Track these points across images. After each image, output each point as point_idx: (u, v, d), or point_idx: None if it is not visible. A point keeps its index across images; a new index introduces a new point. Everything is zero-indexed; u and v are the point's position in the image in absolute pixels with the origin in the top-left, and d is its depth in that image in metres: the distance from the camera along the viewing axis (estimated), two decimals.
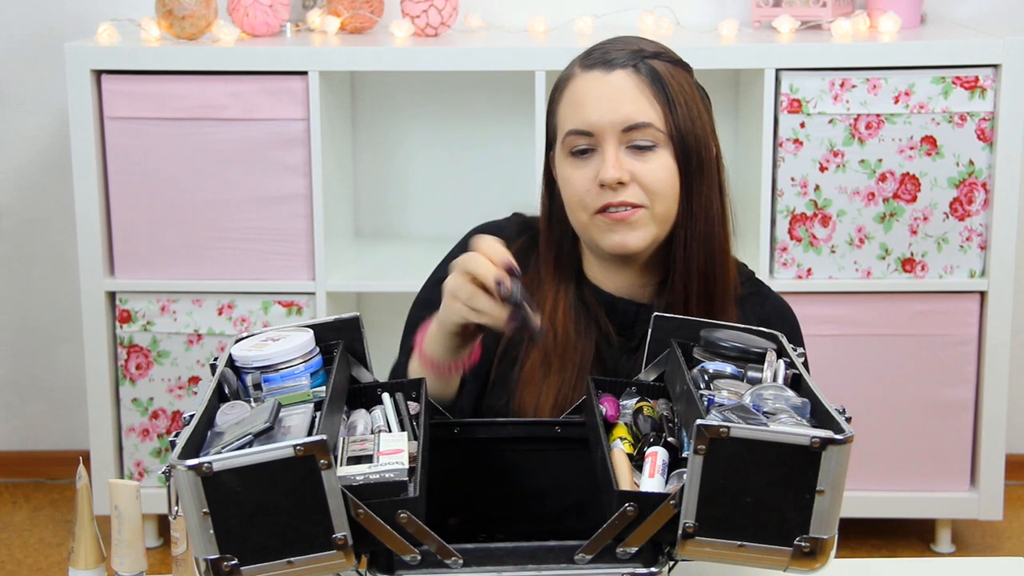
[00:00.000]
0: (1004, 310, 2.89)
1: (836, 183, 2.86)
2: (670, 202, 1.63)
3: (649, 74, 1.62)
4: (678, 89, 1.63)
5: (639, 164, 1.61)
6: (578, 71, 1.66)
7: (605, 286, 1.71)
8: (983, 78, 2.80)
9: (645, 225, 1.62)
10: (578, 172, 1.63)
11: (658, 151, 1.62)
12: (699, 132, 1.64)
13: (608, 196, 1.61)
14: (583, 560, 1.24)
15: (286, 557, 1.19)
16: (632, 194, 1.61)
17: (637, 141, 1.61)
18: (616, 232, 1.62)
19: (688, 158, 1.62)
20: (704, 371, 1.41)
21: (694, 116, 1.63)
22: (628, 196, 1.61)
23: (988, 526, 3.17)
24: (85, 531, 1.40)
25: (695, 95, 1.66)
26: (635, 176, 1.61)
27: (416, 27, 3.01)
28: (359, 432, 1.40)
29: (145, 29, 2.95)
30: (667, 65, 1.64)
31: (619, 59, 1.63)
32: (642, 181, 1.61)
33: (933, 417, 2.95)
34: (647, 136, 1.61)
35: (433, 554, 1.22)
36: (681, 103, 1.63)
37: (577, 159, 1.64)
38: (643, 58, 1.63)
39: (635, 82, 1.62)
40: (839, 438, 1.19)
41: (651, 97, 1.62)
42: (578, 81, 1.65)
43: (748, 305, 1.72)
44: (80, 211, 2.91)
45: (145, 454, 3.03)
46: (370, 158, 3.32)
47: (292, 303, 2.96)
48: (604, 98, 1.62)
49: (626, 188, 1.61)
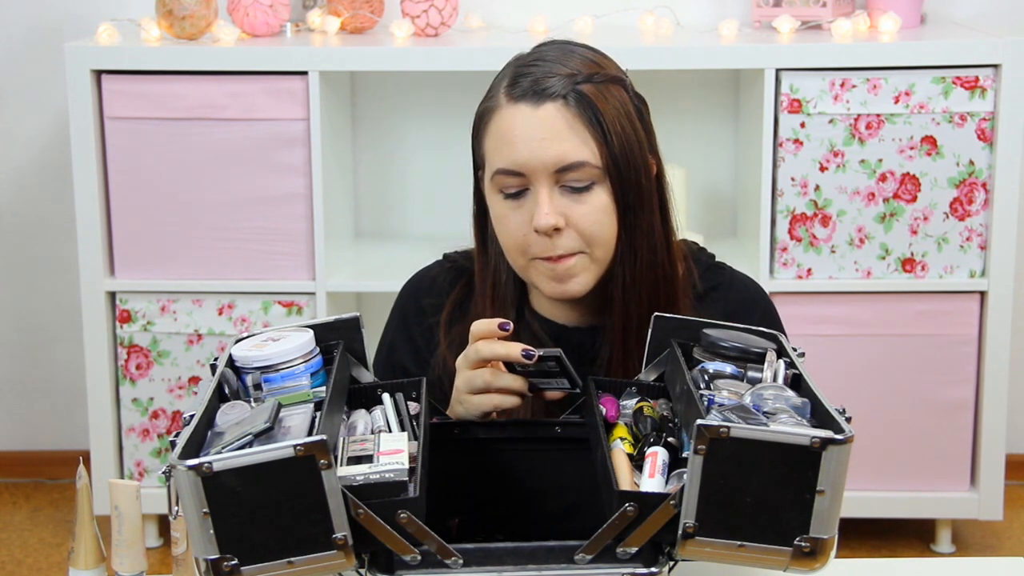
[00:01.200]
0: (1004, 310, 2.89)
1: (836, 183, 2.86)
2: (609, 243, 1.56)
3: (580, 104, 1.52)
4: (613, 116, 1.53)
5: (575, 207, 1.54)
6: (504, 101, 1.55)
7: (543, 308, 1.67)
8: (983, 78, 2.80)
9: (584, 270, 1.57)
10: (512, 215, 1.56)
11: (594, 190, 1.54)
12: (637, 161, 1.55)
13: (544, 244, 1.54)
14: (583, 560, 1.24)
15: (286, 557, 1.19)
16: (568, 242, 1.54)
17: (571, 182, 1.53)
18: (555, 281, 1.57)
19: (626, 192, 1.55)
20: (704, 371, 1.41)
21: (631, 143, 1.54)
22: (564, 244, 1.54)
23: (988, 526, 3.17)
24: (85, 531, 1.40)
25: (631, 114, 1.56)
26: (571, 220, 1.54)
27: (416, 27, 3.01)
28: (359, 432, 1.40)
29: (145, 29, 2.95)
30: (600, 87, 1.54)
31: (549, 89, 1.52)
32: (578, 226, 1.54)
33: (933, 417, 2.95)
34: (582, 175, 1.53)
35: (433, 554, 1.22)
36: (617, 131, 1.53)
37: (510, 200, 1.56)
38: (575, 85, 1.53)
39: (566, 116, 1.52)
40: (839, 438, 1.19)
41: (584, 132, 1.52)
42: (505, 114, 1.55)
43: (710, 301, 1.67)
44: (80, 211, 2.91)
45: (145, 454, 3.03)
46: (370, 158, 3.32)
47: (292, 303, 2.96)
48: (534, 136, 1.52)
49: (562, 234, 1.54)
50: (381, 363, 1.74)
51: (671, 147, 3.22)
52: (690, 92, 3.26)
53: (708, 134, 3.27)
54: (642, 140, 1.57)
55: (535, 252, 1.56)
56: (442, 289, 1.70)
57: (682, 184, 3.04)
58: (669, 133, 3.25)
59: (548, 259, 1.56)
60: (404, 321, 1.67)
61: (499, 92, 1.57)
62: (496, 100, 1.57)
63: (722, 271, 1.72)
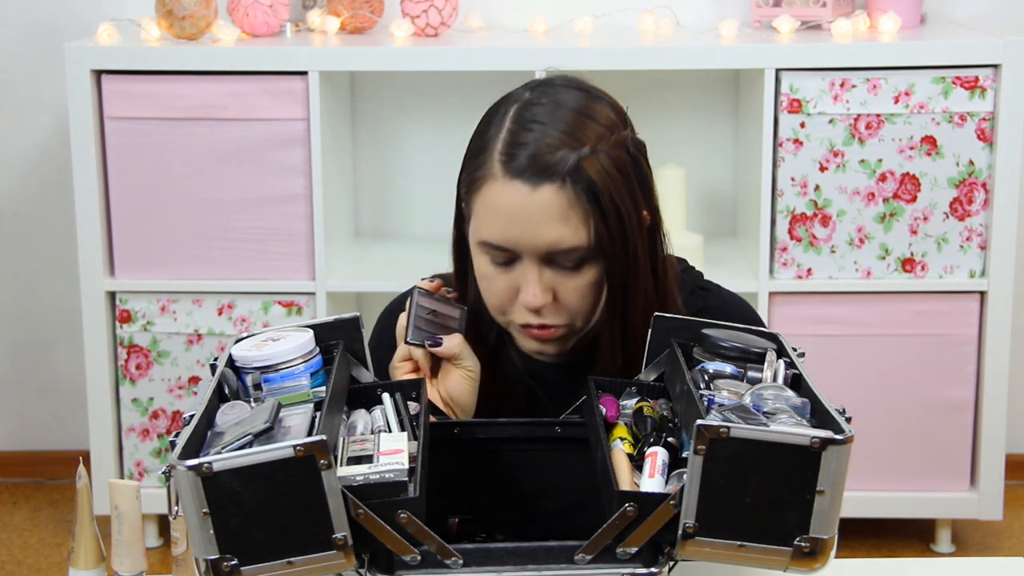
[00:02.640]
0: (1004, 310, 2.89)
1: (836, 183, 2.86)
2: (593, 313, 1.54)
3: (579, 185, 1.45)
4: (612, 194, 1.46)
5: (564, 281, 1.50)
6: (499, 173, 1.47)
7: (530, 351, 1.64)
8: (983, 78, 2.80)
9: (565, 339, 1.56)
10: (498, 279, 1.52)
11: (585, 265, 1.50)
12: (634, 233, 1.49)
13: (529, 316, 1.52)
14: (583, 560, 1.24)
15: (286, 557, 1.19)
16: (553, 315, 1.52)
17: (562, 261, 1.49)
18: (533, 343, 1.56)
19: (618, 270, 1.50)
20: (704, 371, 1.41)
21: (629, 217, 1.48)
22: (548, 318, 1.52)
23: (988, 526, 3.17)
24: (85, 531, 1.40)
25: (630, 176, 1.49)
26: (558, 294, 1.51)
27: (416, 27, 3.01)
28: (359, 432, 1.40)
29: (145, 29, 2.95)
30: (602, 160, 1.46)
31: (547, 168, 1.45)
32: (565, 300, 1.51)
33: (933, 417, 2.95)
34: (574, 257, 1.49)
35: (433, 554, 1.22)
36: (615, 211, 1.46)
37: (496, 264, 1.52)
38: (576, 162, 1.45)
39: (564, 200, 1.45)
40: (839, 438, 1.19)
41: (581, 213, 1.46)
42: (499, 188, 1.47)
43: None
44: (80, 211, 2.91)
45: (145, 454, 3.03)
46: (370, 158, 3.32)
47: (292, 303, 2.96)
48: (528, 220, 1.46)
49: (548, 309, 1.52)
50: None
51: (671, 147, 3.23)
52: (690, 92, 3.26)
53: (708, 134, 3.27)
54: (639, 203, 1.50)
55: (516, 319, 1.55)
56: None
57: (682, 184, 3.04)
58: (669, 133, 3.26)
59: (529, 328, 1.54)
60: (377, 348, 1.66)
61: (494, 158, 1.48)
62: (490, 168, 1.48)
63: (706, 296, 1.68)
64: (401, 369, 1.59)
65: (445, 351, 1.57)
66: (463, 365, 1.58)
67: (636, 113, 1.67)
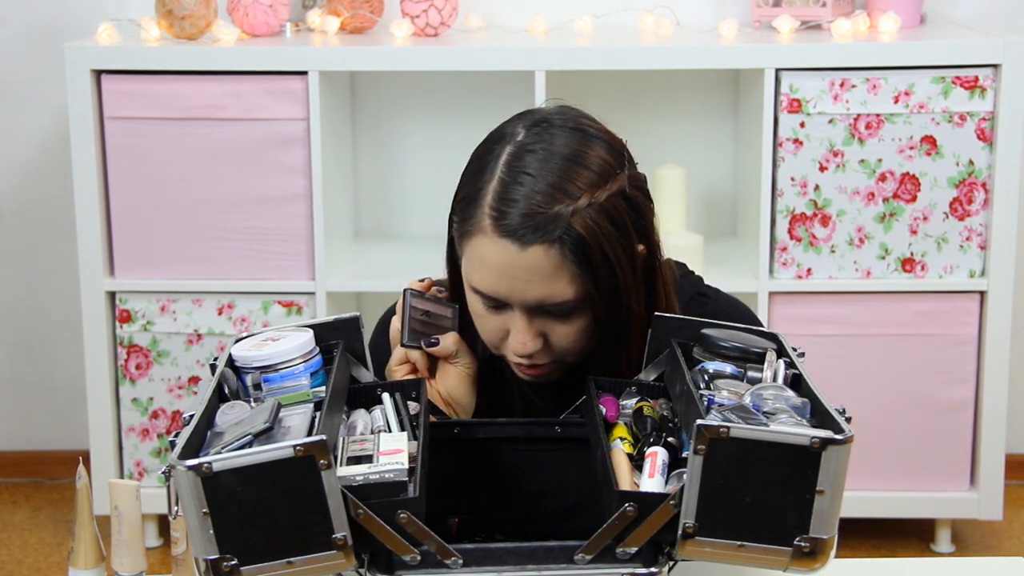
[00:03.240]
0: (1004, 310, 2.89)
1: (836, 183, 2.86)
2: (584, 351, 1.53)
3: (569, 245, 1.43)
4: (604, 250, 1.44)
5: (554, 326, 1.50)
6: (489, 229, 1.45)
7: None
8: (983, 78, 2.80)
9: (556, 372, 1.55)
10: (489, 318, 1.52)
11: (576, 312, 1.49)
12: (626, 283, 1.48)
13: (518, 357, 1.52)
14: (583, 560, 1.24)
15: (286, 557, 1.20)
16: (543, 356, 1.52)
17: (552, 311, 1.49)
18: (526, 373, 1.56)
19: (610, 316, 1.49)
20: (704, 371, 1.41)
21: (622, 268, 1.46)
22: (539, 359, 1.52)
23: (988, 526, 3.17)
24: (85, 531, 1.40)
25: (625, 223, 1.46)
26: (549, 339, 1.51)
27: (416, 27, 3.01)
28: (359, 432, 1.40)
29: (145, 29, 2.95)
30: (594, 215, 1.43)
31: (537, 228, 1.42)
32: (555, 344, 1.51)
33: (933, 417, 2.95)
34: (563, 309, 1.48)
35: (433, 554, 1.22)
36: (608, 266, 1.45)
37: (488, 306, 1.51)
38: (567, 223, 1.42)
39: (553, 262, 1.44)
40: (839, 438, 1.19)
41: (571, 271, 1.45)
42: (488, 244, 1.45)
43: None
44: (80, 211, 2.91)
45: (145, 454, 3.03)
46: (370, 158, 3.32)
47: (292, 303, 2.96)
48: (516, 279, 1.46)
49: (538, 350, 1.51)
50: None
51: (671, 147, 3.23)
52: (690, 92, 3.26)
53: (708, 134, 3.27)
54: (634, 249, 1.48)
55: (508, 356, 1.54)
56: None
57: (682, 184, 3.04)
58: (669, 133, 3.26)
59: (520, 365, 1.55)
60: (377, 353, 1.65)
61: (484, 211, 1.46)
62: (480, 221, 1.46)
63: (705, 302, 1.67)
64: (399, 372, 1.60)
65: (441, 351, 1.58)
66: (460, 363, 1.59)
67: (636, 113, 1.67)
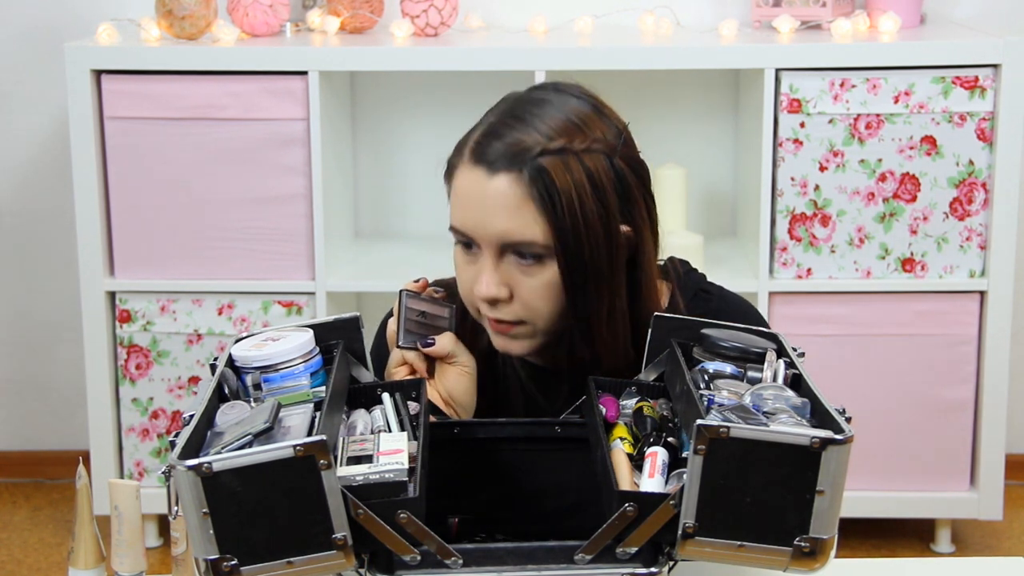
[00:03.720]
0: (1004, 310, 2.89)
1: (836, 183, 2.86)
2: (553, 316, 1.52)
3: (536, 180, 1.45)
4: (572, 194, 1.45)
5: (522, 278, 1.50)
6: (466, 159, 1.50)
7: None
8: (983, 78, 2.80)
9: (527, 337, 1.55)
10: (466, 268, 1.54)
11: (544, 263, 1.49)
12: (596, 240, 1.47)
13: (487, 309, 1.53)
14: (583, 560, 1.24)
15: (286, 557, 1.19)
16: (511, 311, 1.52)
17: (520, 251, 1.49)
18: (498, 337, 1.56)
19: (576, 273, 1.48)
20: (704, 371, 1.41)
21: (591, 221, 1.46)
22: (506, 313, 1.52)
23: (988, 526, 3.17)
24: (85, 531, 1.40)
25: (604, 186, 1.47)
26: (515, 291, 1.51)
27: (416, 27, 3.01)
28: (359, 432, 1.40)
29: (145, 29, 2.95)
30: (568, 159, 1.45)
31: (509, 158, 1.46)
32: (523, 297, 1.51)
33: (933, 417, 2.95)
34: (529, 251, 1.48)
35: (433, 554, 1.22)
36: (574, 212, 1.45)
37: (464, 251, 1.53)
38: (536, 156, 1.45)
39: (519, 193, 1.45)
40: (839, 438, 1.19)
41: (535, 210, 1.46)
42: (464, 175, 1.50)
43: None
44: (80, 211, 2.91)
45: (145, 454, 3.03)
46: (370, 158, 3.32)
47: (292, 303, 2.96)
48: (483, 207, 1.48)
49: (506, 303, 1.52)
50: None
51: (671, 147, 3.23)
52: (690, 92, 3.26)
53: (708, 134, 3.27)
54: (611, 214, 1.48)
55: (480, 309, 1.55)
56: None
57: (682, 184, 3.04)
58: (669, 133, 3.26)
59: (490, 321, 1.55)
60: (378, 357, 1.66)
61: (467, 145, 1.51)
62: (463, 154, 1.52)
63: (708, 299, 1.66)
64: (398, 374, 1.59)
65: (438, 351, 1.58)
66: (459, 362, 1.59)
67: (636, 113, 1.67)
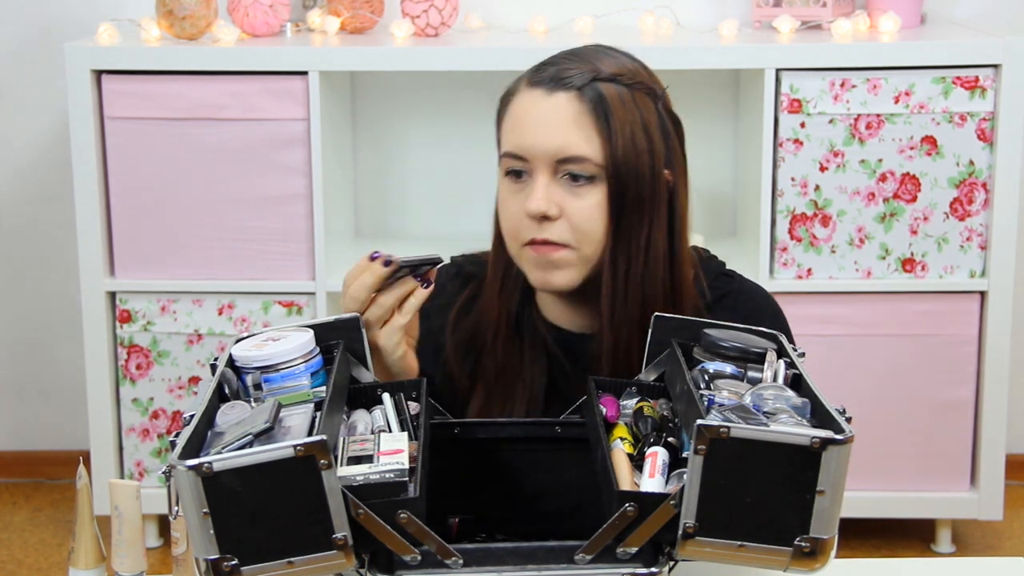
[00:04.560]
0: (1004, 310, 2.89)
1: (836, 183, 2.86)
2: (598, 242, 1.55)
3: (594, 100, 1.52)
4: (625, 119, 1.53)
5: (571, 199, 1.54)
6: (523, 87, 1.58)
7: (551, 314, 1.67)
8: (983, 78, 2.80)
9: (571, 266, 1.56)
10: (511, 199, 1.57)
11: (595, 185, 1.54)
12: (643, 168, 1.53)
13: (535, 230, 1.54)
14: (583, 560, 1.24)
15: (286, 557, 1.19)
16: (559, 232, 1.54)
17: (573, 170, 1.53)
18: (540, 269, 1.57)
19: (623, 197, 1.53)
20: (704, 371, 1.41)
21: (639, 150, 1.53)
22: (555, 234, 1.54)
23: (988, 526, 3.17)
24: (85, 531, 1.40)
25: (650, 124, 1.55)
26: (565, 212, 1.54)
27: (416, 27, 3.01)
28: (359, 432, 1.40)
29: (145, 29, 2.95)
30: (622, 90, 1.54)
31: (566, 80, 1.54)
32: (572, 219, 1.54)
33: (933, 417, 2.95)
34: (581, 169, 1.53)
35: (433, 554, 1.22)
36: (626, 135, 1.52)
37: (512, 183, 1.57)
38: (594, 80, 1.53)
39: (576, 109, 1.53)
40: (839, 438, 1.19)
41: (591, 127, 1.52)
42: (521, 98, 1.57)
43: (719, 311, 1.63)
44: (80, 211, 2.91)
45: (145, 454, 3.03)
46: (370, 158, 3.32)
47: (292, 303, 2.96)
48: (541, 123, 1.54)
49: (554, 224, 1.54)
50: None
51: None
52: (690, 92, 3.25)
53: (708, 134, 3.27)
54: (656, 151, 1.55)
55: (525, 236, 1.56)
56: (448, 293, 1.70)
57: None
58: None
59: (536, 246, 1.55)
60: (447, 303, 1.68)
61: (522, 79, 1.60)
62: (518, 84, 1.60)
63: (731, 280, 1.70)
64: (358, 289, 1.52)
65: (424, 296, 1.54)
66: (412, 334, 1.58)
67: None
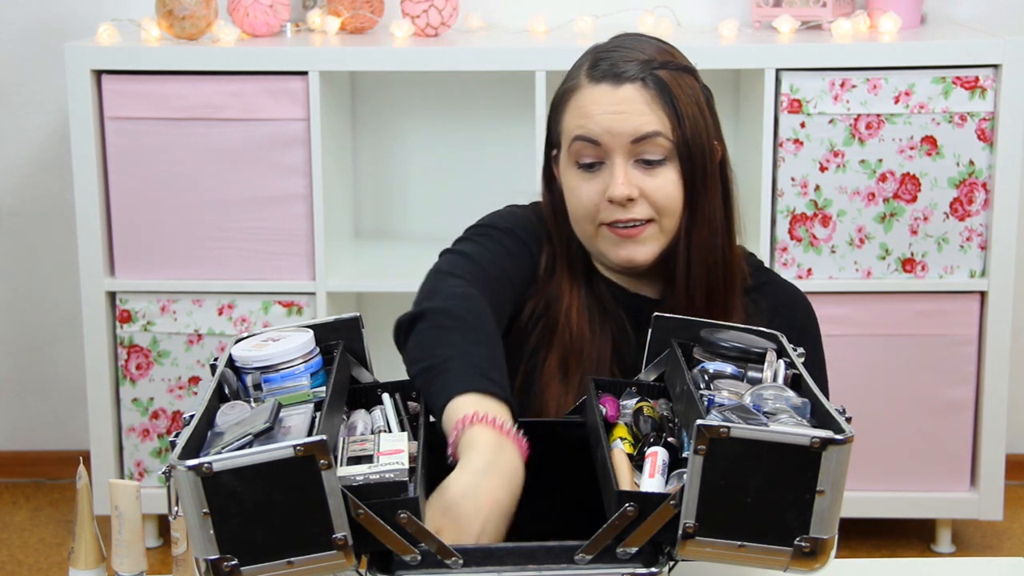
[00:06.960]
0: (1004, 310, 2.89)
1: (836, 183, 2.86)
2: (677, 215, 1.65)
3: (657, 86, 1.63)
4: (686, 100, 1.64)
5: (647, 179, 1.63)
6: (586, 82, 1.65)
7: (617, 281, 1.73)
8: (983, 78, 2.80)
9: (653, 239, 1.65)
10: (585, 185, 1.65)
11: (666, 165, 1.63)
12: (705, 143, 1.65)
13: (617, 212, 1.63)
14: (583, 560, 1.24)
15: (286, 557, 1.20)
16: (641, 210, 1.63)
17: (645, 155, 1.62)
18: (623, 247, 1.65)
19: (694, 171, 1.64)
20: (704, 371, 1.41)
21: (700, 127, 1.65)
22: (637, 212, 1.63)
23: (988, 526, 3.17)
24: (85, 531, 1.40)
25: (701, 101, 1.67)
26: (644, 192, 1.63)
27: (416, 27, 3.01)
28: (359, 432, 1.40)
29: (145, 29, 2.95)
30: (674, 74, 1.65)
31: (628, 72, 1.63)
32: (651, 197, 1.63)
33: (933, 417, 2.95)
34: (656, 148, 1.62)
35: (433, 554, 1.22)
36: (689, 115, 1.63)
37: (584, 171, 1.65)
38: (652, 69, 1.63)
39: (644, 96, 1.62)
40: (839, 438, 1.20)
41: (659, 110, 1.62)
42: (586, 92, 1.65)
43: (758, 295, 1.73)
44: (80, 211, 2.91)
45: (145, 454, 3.03)
46: (370, 158, 3.32)
47: (292, 303, 2.96)
48: (615, 111, 1.62)
49: (635, 204, 1.63)
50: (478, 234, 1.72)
51: None
52: None
53: None
54: (710, 126, 1.67)
55: (605, 218, 1.64)
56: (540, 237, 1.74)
57: None
58: None
59: (618, 227, 1.63)
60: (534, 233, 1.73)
61: (580, 74, 1.66)
62: (577, 81, 1.66)
63: (769, 272, 1.81)
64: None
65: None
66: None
67: None
